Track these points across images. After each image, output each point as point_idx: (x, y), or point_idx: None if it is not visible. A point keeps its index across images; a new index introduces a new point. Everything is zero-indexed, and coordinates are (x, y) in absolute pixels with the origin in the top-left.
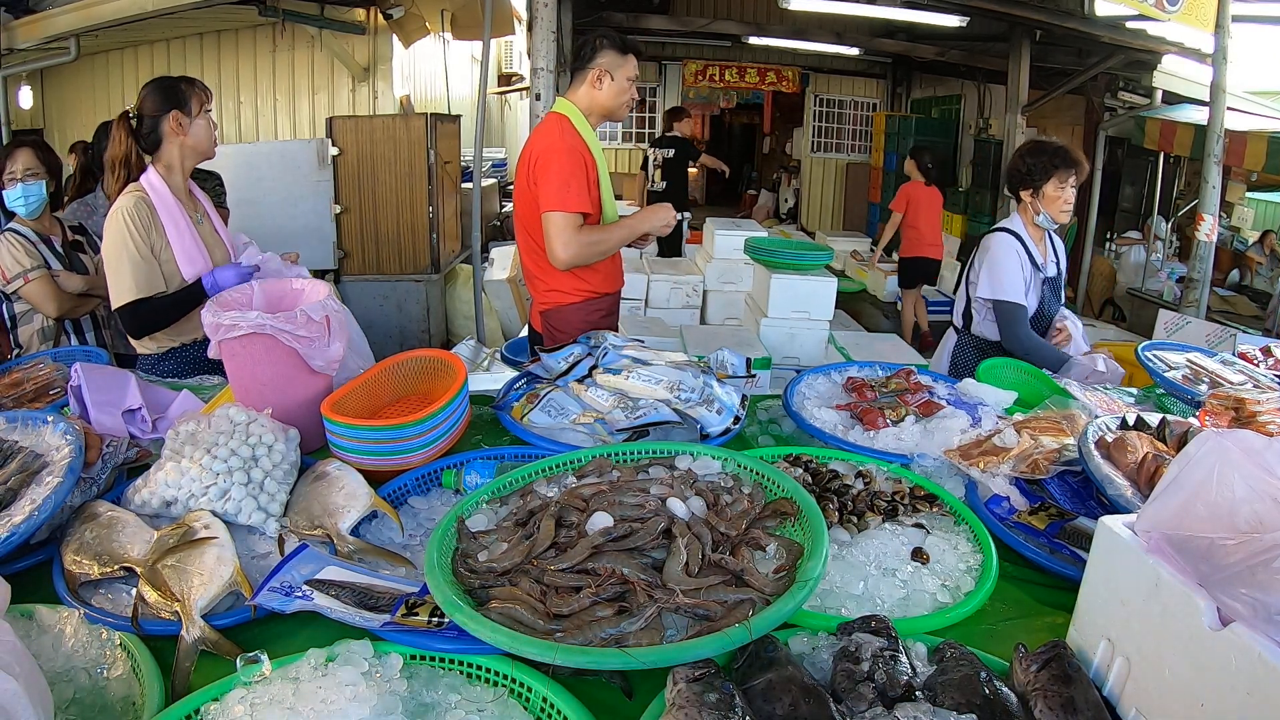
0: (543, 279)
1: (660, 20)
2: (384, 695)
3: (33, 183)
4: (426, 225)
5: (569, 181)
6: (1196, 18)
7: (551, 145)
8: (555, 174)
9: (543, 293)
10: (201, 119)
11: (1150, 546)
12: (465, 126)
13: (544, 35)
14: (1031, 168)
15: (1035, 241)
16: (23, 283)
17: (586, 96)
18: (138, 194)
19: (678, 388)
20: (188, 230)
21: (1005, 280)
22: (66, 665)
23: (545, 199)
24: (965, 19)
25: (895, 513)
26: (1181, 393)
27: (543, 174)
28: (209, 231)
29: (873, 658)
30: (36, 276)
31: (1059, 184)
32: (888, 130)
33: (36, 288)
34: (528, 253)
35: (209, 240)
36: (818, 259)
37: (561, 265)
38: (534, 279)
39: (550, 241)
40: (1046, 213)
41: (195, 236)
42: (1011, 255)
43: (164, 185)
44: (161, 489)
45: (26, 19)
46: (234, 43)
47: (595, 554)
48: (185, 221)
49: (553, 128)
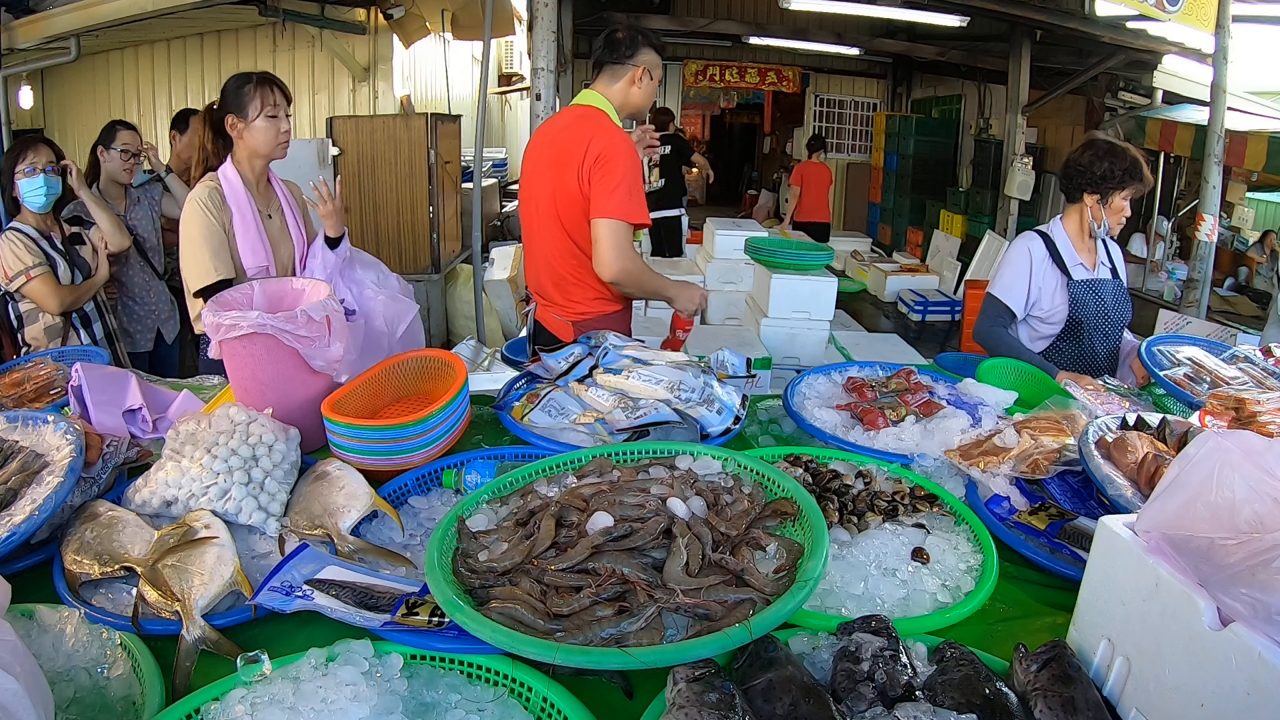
0: (584, 286)
1: (660, 20)
2: (384, 695)
3: (54, 177)
4: (427, 225)
5: (633, 190)
6: (1197, 18)
7: (617, 146)
8: (621, 179)
9: (582, 301)
10: (262, 122)
11: (1150, 546)
12: (465, 126)
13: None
14: (1108, 173)
15: (1077, 245)
16: (25, 280)
17: (622, 94)
18: (211, 184)
19: (678, 388)
20: (253, 223)
21: (1002, 277)
22: (67, 665)
23: (607, 204)
24: (965, 19)
25: (895, 513)
26: (1180, 395)
27: (607, 175)
28: (277, 227)
29: (873, 658)
30: (39, 274)
31: (1129, 197)
32: (888, 130)
33: (38, 285)
34: (564, 256)
35: (275, 235)
36: (818, 259)
37: (608, 277)
38: (570, 286)
39: (605, 250)
40: (1107, 222)
41: (260, 230)
42: (1021, 259)
43: (237, 177)
44: (162, 489)
45: (26, 19)
46: (234, 43)
47: (595, 554)
48: (252, 214)
49: (610, 124)
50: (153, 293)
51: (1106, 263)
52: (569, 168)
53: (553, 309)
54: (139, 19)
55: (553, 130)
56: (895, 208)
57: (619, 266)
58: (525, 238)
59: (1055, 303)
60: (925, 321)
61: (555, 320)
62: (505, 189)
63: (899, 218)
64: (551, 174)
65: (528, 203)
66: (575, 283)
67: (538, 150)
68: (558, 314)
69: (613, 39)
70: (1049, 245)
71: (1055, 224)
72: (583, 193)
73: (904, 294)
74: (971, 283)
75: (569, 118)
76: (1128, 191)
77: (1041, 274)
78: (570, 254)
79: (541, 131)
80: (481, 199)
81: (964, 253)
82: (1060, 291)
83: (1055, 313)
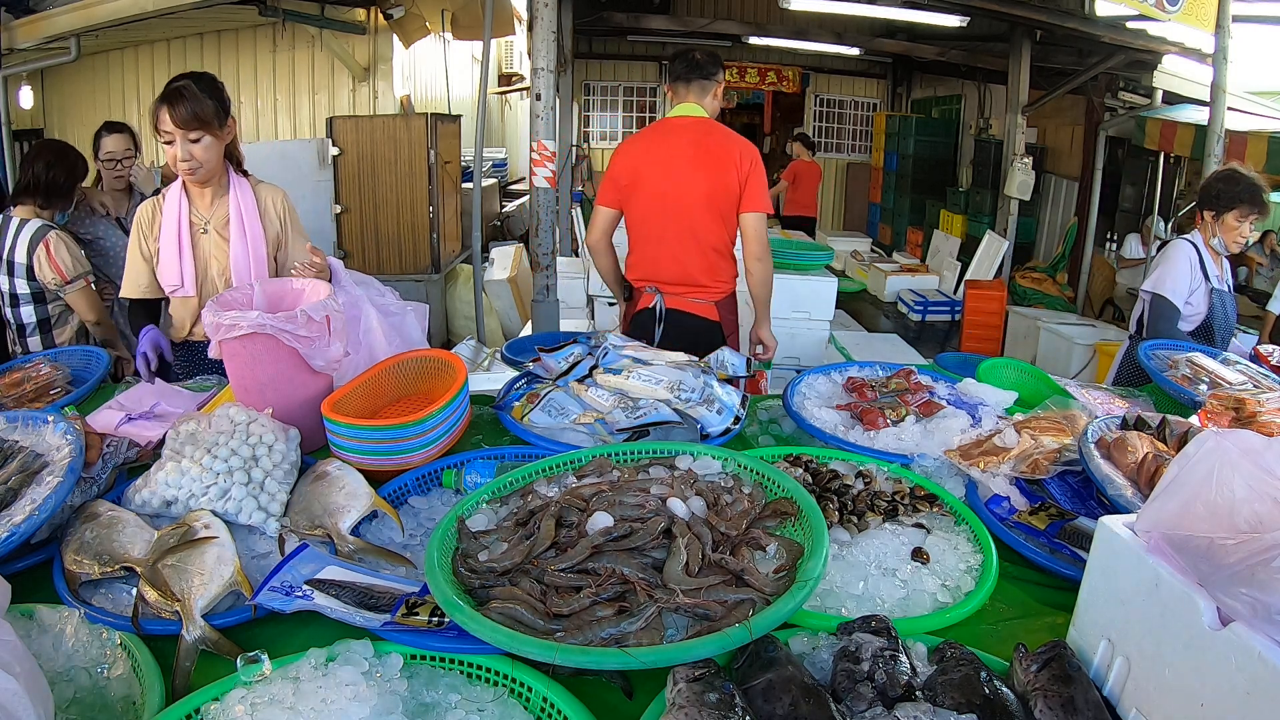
0: (727, 268)
1: (660, 20)
2: (384, 695)
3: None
4: (427, 225)
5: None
6: (1197, 18)
7: (756, 151)
8: (764, 178)
9: (725, 281)
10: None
11: (1150, 546)
12: (465, 126)
13: (544, 35)
14: (1220, 193)
15: (1211, 256)
16: (83, 284)
17: (711, 106)
18: (156, 198)
19: (678, 388)
20: (175, 241)
21: (1168, 279)
22: (67, 665)
23: (763, 201)
24: (965, 19)
25: (895, 513)
26: (1180, 394)
27: (759, 175)
28: (212, 242)
29: (873, 658)
30: (90, 281)
31: (1240, 217)
32: (888, 130)
33: (87, 293)
34: (720, 241)
35: (205, 251)
36: (818, 259)
37: (756, 260)
38: (720, 267)
39: (762, 238)
40: (1222, 238)
41: (182, 248)
42: (1183, 259)
43: (178, 189)
44: (162, 489)
45: (26, 19)
46: (234, 43)
47: (595, 554)
48: (178, 231)
49: (731, 132)
50: None
51: (1228, 278)
52: (728, 168)
53: (695, 293)
54: (139, 19)
55: (689, 134)
56: (895, 208)
57: (764, 252)
58: (658, 232)
59: (1199, 305)
60: (925, 321)
61: (697, 304)
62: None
63: (899, 218)
64: (708, 172)
65: (665, 198)
66: (726, 263)
67: (676, 151)
68: (701, 297)
69: (694, 59)
70: (1197, 252)
71: (1195, 236)
72: (739, 189)
73: (904, 294)
74: (971, 283)
75: (702, 125)
76: (1238, 211)
77: (1195, 278)
78: (724, 240)
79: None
80: (481, 199)
81: (964, 253)
82: (1203, 295)
83: (1196, 314)
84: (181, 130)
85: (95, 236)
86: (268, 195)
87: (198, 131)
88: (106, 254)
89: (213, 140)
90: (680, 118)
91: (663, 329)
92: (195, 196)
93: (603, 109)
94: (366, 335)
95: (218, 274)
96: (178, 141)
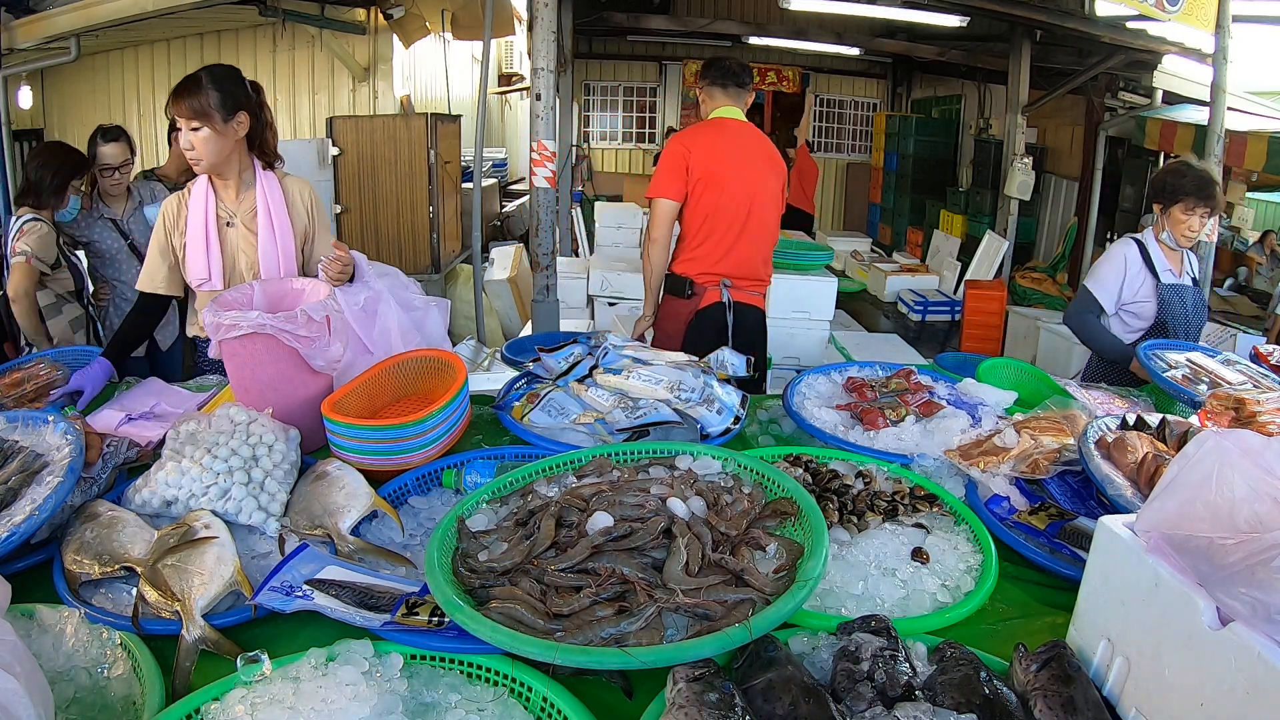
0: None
1: (660, 20)
2: (384, 695)
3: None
4: (427, 225)
5: None
6: (1197, 18)
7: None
8: None
9: (771, 274)
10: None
11: (1150, 546)
12: (465, 126)
13: (544, 35)
14: (1166, 186)
15: (1164, 252)
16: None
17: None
18: (181, 192)
19: (678, 388)
20: (202, 233)
21: (1097, 273)
22: (67, 665)
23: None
24: (965, 19)
25: (895, 513)
26: (1181, 393)
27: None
28: (239, 234)
29: (873, 657)
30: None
31: (1186, 210)
32: (888, 130)
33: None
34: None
35: (234, 244)
36: (818, 259)
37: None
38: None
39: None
40: (1170, 232)
41: (210, 240)
42: (1118, 257)
43: (205, 182)
44: (162, 489)
45: (26, 19)
46: (234, 43)
47: (595, 554)
48: (205, 223)
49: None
50: None
51: (1190, 271)
52: (782, 170)
53: (755, 286)
54: (139, 19)
55: (751, 137)
56: (895, 208)
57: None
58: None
59: (1145, 302)
60: (925, 321)
61: (755, 296)
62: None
63: (899, 218)
64: (776, 173)
65: (748, 196)
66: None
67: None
68: (758, 290)
69: (730, 67)
70: (1143, 251)
71: (1147, 232)
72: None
73: (904, 294)
74: (971, 283)
75: (755, 130)
76: (1183, 204)
77: (1134, 276)
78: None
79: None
80: (481, 199)
81: (964, 253)
82: (1150, 292)
83: (1145, 310)
84: (183, 119)
85: (91, 239)
86: (295, 188)
87: (196, 121)
88: (104, 255)
89: (211, 133)
90: (734, 120)
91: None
92: (220, 189)
93: (603, 109)
94: (383, 335)
95: (245, 267)
96: (183, 130)
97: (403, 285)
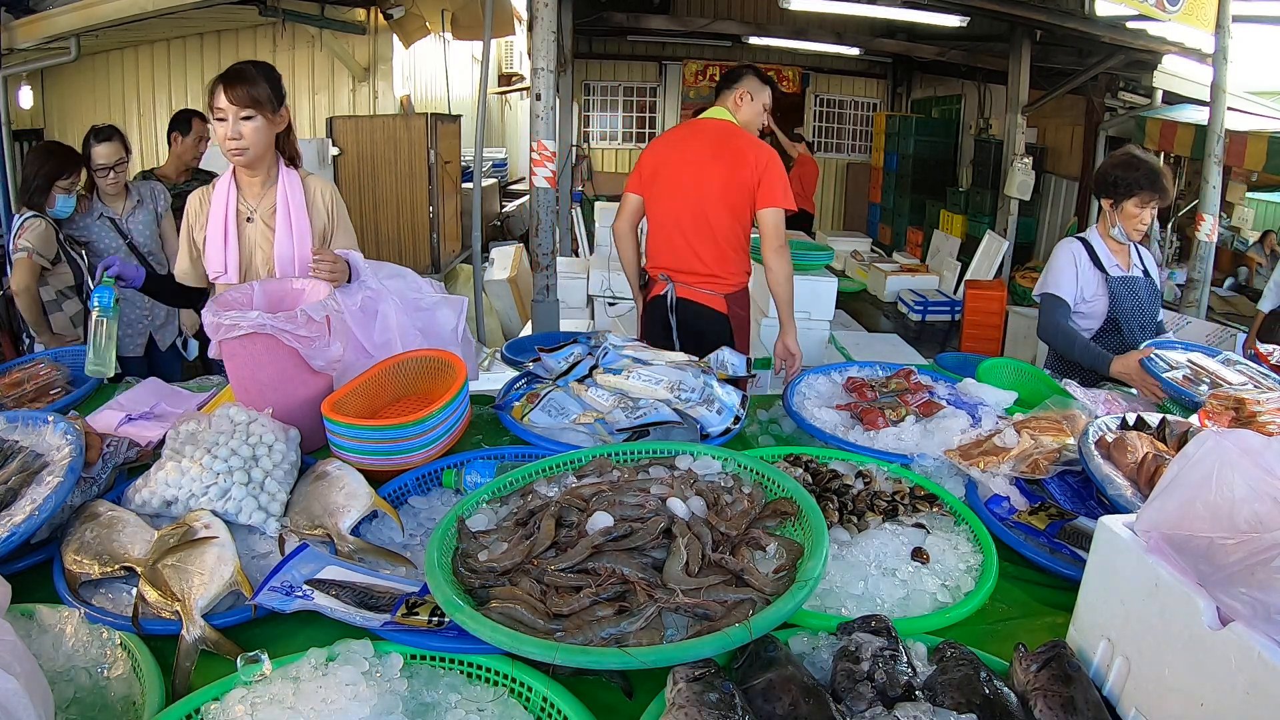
0: (738, 261)
1: (660, 20)
2: (384, 695)
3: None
4: (427, 225)
5: (789, 187)
6: (1197, 18)
7: (774, 153)
8: (781, 175)
9: (734, 274)
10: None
11: (1150, 546)
12: (465, 126)
13: (544, 35)
14: (1119, 180)
15: (1110, 247)
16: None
17: (744, 115)
18: (206, 187)
19: (678, 388)
20: (221, 228)
21: (1050, 276)
22: (67, 665)
23: (781, 195)
24: (965, 19)
25: (895, 513)
26: (1181, 395)
27: (775, 172)
28: (257, 230)
29: (873, 657)
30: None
31: (1140, 204)
32: (888, 130)
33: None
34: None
35: (253, 239)
36: (818, 259)
37: (774, 253)
38: (725, 259)
39: (780, 233)
40: (1121, 227)
41: (228, 235)
42: (1065, 256)
43: (228, 178)
44: (162, 489)
45: (26, 19)
46: (234, 43)
47: (595, 554)
48: (225, 218)
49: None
50: (147, 298)
51: (1139, 264)
52: (743, 163)
53: (705, 283)
54: (139, 19)
55: (712, 133)
56: (895, 208)
57: (781, 245)
58: (674, 219)
59: (1096, 299)
60: (925, 321)
61: (706, 295)
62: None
63: (899, 218)
64: (724, 165)
65: (683, 187)
66: (737, 256)
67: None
68: (709, 288)
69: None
70: (1088, 248)
71: (1091, 230)
72: (750, 185)
73: (904, 294)
74: (971, 283)
75: (727, 127)
76: (1138, 198)
77: (1084, 273)
78: (736, 233)
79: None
80: (481, 199)
81: (964, 253)
82: (1100, 288)
83: (1096, 307)
84: (235, 107)
85: (90, 238)
86: (317, 187)
87: (250, 110)
88: (102, 255)
89: (264, 123)
90: (708, 119)
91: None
92: (244, 185)
93: (603, 109)
94: (382, 335)
95: (261, 263)
96: (230, 119)
97: (415, 286)
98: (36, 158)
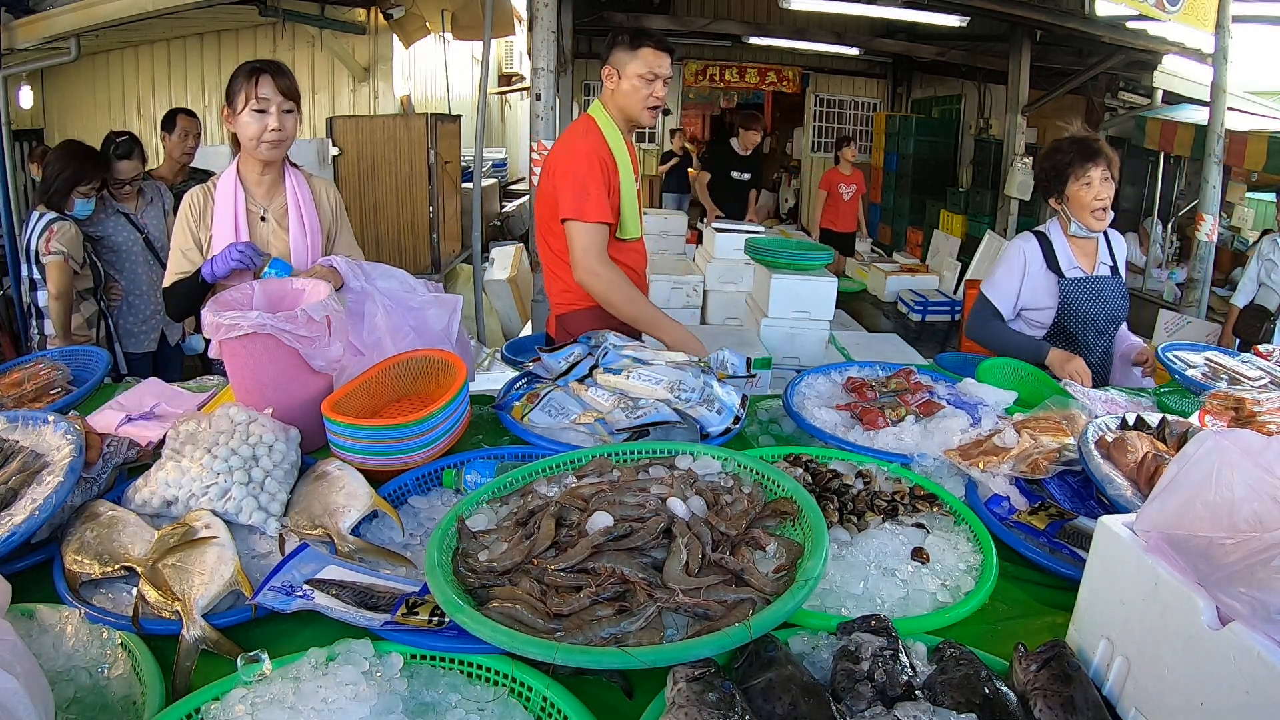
0: (561, 279)
1: (660, 20)
2: (384, 695)
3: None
4: (427, 225)
5: (587, 189)
6: (1197, 18)
7: (570, 148)
8: (571, 180)
9: (558, 293)
10: (247, 115)
11: (1150, 546)
12: (465, 126)
13: (544, 35)
14: (1048, 171)
15: (1073, 246)
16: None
17: (609, 99)
18: (205, 185)
19: (678, 388)
20: (232, 225)
21: (994, 276)
22: (67, 665)
23: (564, 206)
24: (965, 19)
25: (895, 512)
26: (1202, 390)
27: (560, 179)
28: (269, 229)
29: (873, 657)
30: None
31: (1080, 180)
32: (888, 130)
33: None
34: (544, 253)
35: (264, 239)
36: (818, 259)
37: (575, 276)
38: (551, 279)
39: (572, 250)
40: (1077, 220)
41: (242, 233)
42: (1013, 256)
43: (233, 174)
44: (162, 489)
45: (26, 19)
46: (234, 43)
47: (595, 554)
48: (234, 215)
49: (576, 129)
50: (160, 293)
51: (1108, 260)
52: (548, 170)
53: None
54: (139, 19)
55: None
56: (895, 208)
57: (583, 267)
58: None
59: (1045, 302)
60: (925, 321)
61: (550, 317)
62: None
63: (899, 218)
64: (543, 176)
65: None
66: (555, 275)
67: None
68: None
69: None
70: (1045, 246)
71: (1052, 224)
72: (554, 195)
73: (904, 294)
74: (971, 283)
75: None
76: (1074, 176)
77: (1034, 275)
78: (545, 250)
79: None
80: (481, 199)
81: (964, 253)
82: (1051, 293)
83: (1044, 311)
84: (282, 98)
85: (105, 234)
86: (322, 187)
87: (291, 102)
88: (118, 250)
89: (298, 117)
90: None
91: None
92: (252, 185)
93: None
94: (371, 335)
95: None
96: (273, 112)
97: (408, 287)
98: (60, 158)
